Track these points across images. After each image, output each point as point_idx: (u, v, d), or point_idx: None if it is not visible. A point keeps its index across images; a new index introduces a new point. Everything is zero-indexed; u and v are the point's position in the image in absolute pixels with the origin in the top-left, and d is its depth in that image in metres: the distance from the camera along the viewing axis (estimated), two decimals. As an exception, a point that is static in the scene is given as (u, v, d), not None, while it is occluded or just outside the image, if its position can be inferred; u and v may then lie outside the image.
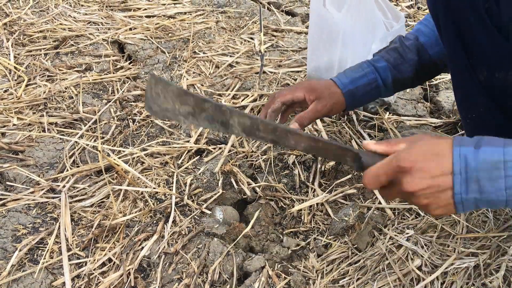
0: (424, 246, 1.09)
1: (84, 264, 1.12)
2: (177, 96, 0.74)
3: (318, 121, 1.47)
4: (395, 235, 1.13)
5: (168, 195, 1.27)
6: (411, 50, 1.15)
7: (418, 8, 2.27)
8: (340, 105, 1.15)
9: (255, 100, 1.60)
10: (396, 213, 1.20)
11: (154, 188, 1.28)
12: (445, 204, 0.73)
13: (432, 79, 1.73)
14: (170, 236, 1.16)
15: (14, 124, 1.54)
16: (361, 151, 0.79)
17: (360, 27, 1.41)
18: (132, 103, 1.65)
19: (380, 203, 1.22)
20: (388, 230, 1.15)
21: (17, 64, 1.84)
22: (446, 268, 1.03)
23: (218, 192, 1.27)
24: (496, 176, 0.68)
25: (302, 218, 1.22)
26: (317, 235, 1.19)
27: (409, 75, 1.16)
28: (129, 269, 1.09)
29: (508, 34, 0.79)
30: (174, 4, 2.32)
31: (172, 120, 0.89)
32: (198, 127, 0.96)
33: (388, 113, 1.55)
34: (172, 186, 1.29)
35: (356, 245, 1.13)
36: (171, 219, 1.20)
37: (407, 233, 1.13)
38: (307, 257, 1.12)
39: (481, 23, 0.83)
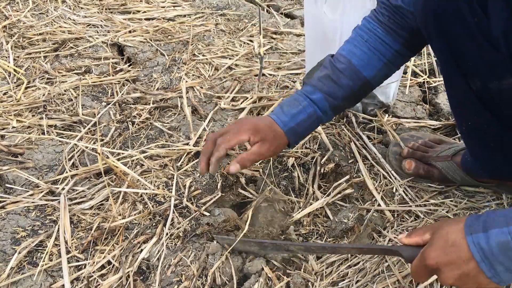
0: (424, 248, 1.09)
1: (83, 267, 1.12)
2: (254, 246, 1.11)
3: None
4: (395, 237, 1.13)
5: (167, 197, 1.27)
6: (344, 75, 1.10)
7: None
8: (283, 145, 1.13)
9: (254, 103, 1.60)
10: (395, 215, 1.20)
11: (153, 190, 1.28)
12: (488, 283, 0.76)
13: (431, 82, 1.73)
14: (169, 239, 1.16)
15: (13, 127, 1.54)
16: (400, 248, 0.89)
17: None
18: (132, 106, 1.65)
19: (379, 205, 1.22)
20: (388, 232, 1.15)
21: (16, 66, 1.84)
22: (445, 270, 1.03)
23: (218, 194, 1.27)
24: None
25: (302, 221, 1.22)
26: (316, 237, 1.19)
27: (346, 100, 1.14)
28: (128, 272, 1.09)
29: (499, 45, 0.80)
30: (174, 6, 2.33)
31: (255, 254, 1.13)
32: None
33: (387, 115, 1.55)
34: (172, 189, 1.29)
35: (355, 247, 1.13)
36: (170, 221, 1.20)
37: (407, 235, 1.13)
38: (307, 259, 1.12)
39: (470, 36, 0.84)
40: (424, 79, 1.75)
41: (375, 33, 1.09)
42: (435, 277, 0.96)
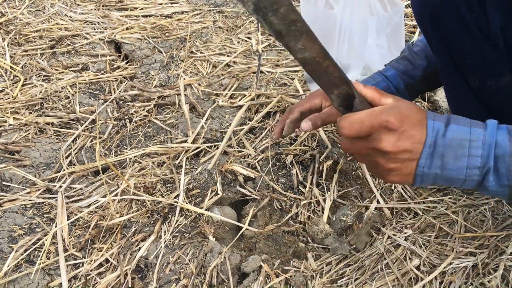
0: (422, 246, 1.09)
1: (81, 265, 1.12)
2: None
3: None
4: (393, 235, 1.13)
5: (165, 195, 1.26)
6: (419, 56, 1.17)
7: None
8: None
9: (252, 100, 1.60)
10: (394, 213, 1.20)
11: (151, 188, 1.27)
12: (407, 173, 0.73)
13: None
14: (167, 237, 1.15)
15: (10, 124, 1.53)
16: (357, 92, 0.74)
17: (357, 20, 1.40)
18: (129, 103, 1.64)
19: (378, 202, 1.22)
20: (386, 229, 1.14)
21: (13, 64, 1.83)
22: (444, 267, 1.03)
23: (217, 193, 1.26)
24: (460, 154, 0.70)
25: (300, 218, 1.22)
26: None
27: (421, 82, 1.19)
28: (126, 270, 1.08)
29: (497, 42, 0.79)
30: (171, 3, 2.32)
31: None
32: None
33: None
34: (170, 186, 1.29)
35: (354, 245, 1.13)
36: (168, 220, 1.20)
37: (405, 233, 1.13)
38: (306, 257, 1.11)
39: (468, 33, 0.83)
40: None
41: None
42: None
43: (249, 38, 2.03)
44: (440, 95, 1.64)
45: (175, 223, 1.18)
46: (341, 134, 0.73)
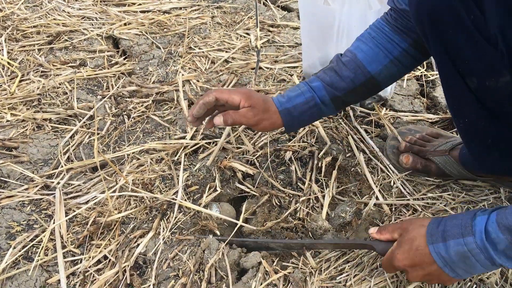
0: (421, 242, 1.09)
1: (79, 262, 1.11)
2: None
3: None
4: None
5: (164, 191, 1.26)
6: (347, 67, 1.12)
7: None
8: (271, 123, 1.12)
9: (251, 96, 1.59)
10: (393, 209, 1.20)
11: (150, 184, 1.27)
12: (448, 279, 0.88)
13: (429, 75, 1.73)
14: (166, 233, 1.15)
15: (7, 120, 1.52)
16: (374, 242, 0.99)
17: (356, 17, 1.39)
18: (127, 99, 1.63)
19: (377, 198, 1.22)
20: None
21: (10, 59, 1.82)
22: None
23: (215, 190, 1.26)
24: (471, 263, 0.81)
25: (299, 215, 1.21)
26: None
27: (348, 94, 1.14)
28: (124, 266, 1.08)
29: (496, 42, 0.79)
30: (169, -1, 2.31)
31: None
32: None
33: (384, 109, 1.55)
34: (168, 183, 1.28)
35: (353, 242, 1.13)
36: (166, 216, 1.19)
37: (404, 229, 1.12)
38: (304, 254, 1.11)
39: (466, 34, 0.83)
40: (421, 72, 1.74)
41: (382, 31, 1.11)
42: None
43: (247, 34, 2.02)
44: (439, 91, 1.64)
45: (174, 220, 1.18)
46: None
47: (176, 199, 1.22)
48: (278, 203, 1.24)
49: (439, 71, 1.00)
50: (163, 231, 1.16)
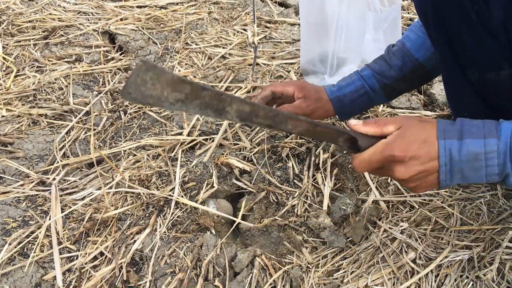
0: (418, 239, 1.09)
1: (75, 258, 1.11)
2: (170, 84, 0.66)
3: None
4: (389, 228, 1.13)
5: (160, 188, 1.25)
6: (396, 56, 1.17)
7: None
8: (325, 111, 1.20)
9: (248, 92, 1.59)
10: (390, 206, 1.20)
11: (146, 180, 1.26)
12: (430, 184, 0.81)
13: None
14: (163, 230, 1.14)
15: (2, 116, 1.51)
16: (356, 134, 0.82)
17: (354, 16, 1.39)
18: (124, 95, 1.62)
19: (375, 195, 1.21)
20: (382, 223, 1.14)
21: (5, 54, 1.80)
22: (440, 261, 1.03)
23: (212, 186, 1.25)
24: (478, 166, 0.76)
25: (296, 211, 1.21)
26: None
27: (398, 82, 1.18)
28: (121, 263, 1.08)
29: (498, 35, 0.79)
30: (166, -6, 2.29)
31: (153, 106, 0.85)
32: (185, 112, 0.93)
33: (382, 105, 1.54)
34: (165, 179, 1.28)
35: (350, 238, 1.12)
36: (163, 212, 1.19)
37: (401, 226, 1.13)
38: (301, 250, 1.11)
39: (470, 26, 0.83)
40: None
41: None
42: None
43: (244, 30, 2.01)
44: (437, 88, 1.64)
45: (171, 216, 1.17)
46: (357, 171, 0.85)
47: (172, 196, 1.22)
48: (275, 200, 1.24)
49: (440, 63, 1.00)
50: (159, 227, 1.15)
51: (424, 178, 0.80)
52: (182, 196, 1.22)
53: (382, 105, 1.54)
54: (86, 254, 1.10)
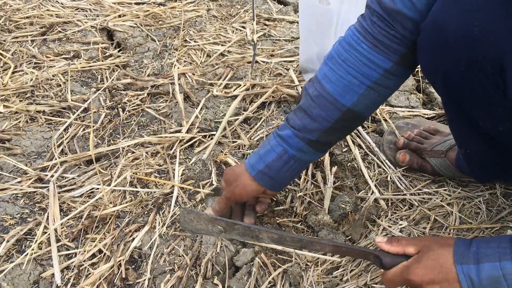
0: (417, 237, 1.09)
1: (73, 255, 1.10)
2: (209, 221, 0.92)
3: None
4: (389, 226, 1.13)
5: (159, 185, 1.25)
6: (316, 103, 0.94)
7: None
8: (255, 189, 1.04)
9: (247, 90, 1.58)
10: (390, 204, 1.20)
11: (145, 178, 1.26)
12: None
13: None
14: (162, 227, 1.14)
15: (0, 112, 1.50)
16: (381, 252, 0.88)
17: (355, 16, 1.39)
18: (122, 92, 1.62)
19: (373, 193, 1.21)
20: (382, 221, 1.14)
21: (3, 50, 1.79)
22: (439, 259, 1.03)
23: (212, 184, 1.25)
24: (500, 287, 0.74)
25: (295, 210, 1.21)
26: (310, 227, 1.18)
27: (327, 134, 0.97)
28: (120, 261, 1.07)
29: None
30: (165, -9, 2.28)
31: (208, 235, 1.06)
32: (231, 239, 1.11)
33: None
34: (164, 177, 1.27)
35: (349, 236, 1.12)
36: (162, 210, 1.18)
37: (401, 224, 1.13)
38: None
39: (483, 96, 0.76)
40: (418, 68, 1.74)
41: (357, 49, 0.89)
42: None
43: (243, 27, 2.01)
44: (435, 87, 1.64)
45: (170, 214, 1.17)
46: None
47: (172, 193, 1.21)
48: (274, 198, 1.24)
49: (445, 110, 0.95)
50: (158, 225, 1.15)
51: None
52: (180, 193, 1.22)
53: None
54: (84, 251, 1.10)
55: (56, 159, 1.34)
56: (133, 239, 1.12)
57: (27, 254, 1.08)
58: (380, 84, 0.90)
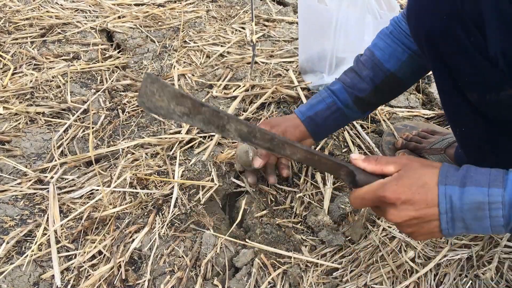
0: (417, 238, 1.09)
1: (73, 257, 1.10)
2: (173, 97, 0.72)
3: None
4: (388, 227, 1.13)
5: (159, 186, 1.25)
6: (365, 66, 1.10)
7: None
8: (301, 133, 1.13)
9: (247, 91, 1.58)
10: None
11: (145, 179, 1.26)
12: (430, 232, 0.76)
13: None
14: (162, 228, 1.14)
15: (0, 114, 1.50)
16: (356, 169, 0.82)
17: (354, 17, 1.39)
18: (122, 93, 1.62)
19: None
20: (381, 221, 1.14)
21: (2, 52, 1.79)
22: (439, 259, 1.03)
23: (212, 184, 1.25)
24: (481, 216, 0.70)
25: (295, 210, 1.21)
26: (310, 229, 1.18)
27: (371, 94, 1.11)
28: (119, 262, 1.07)
29: (497, 62, 0.76)
30: (164, -8, 2.28)
31: (166, 117, 0.89)
32: (192, 126, 0.97)
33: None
34: (164, 178, 1.27)
35: (349, 237, 1.12)
36: (162, 211, 1.18)
37: (400, 225, 1.13)
38: (300, 249, 1.11)
39: (466, 56, 0.79)
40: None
41: (400, 26, 1.07)
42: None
43: (243, 28, 2.01)
44: (435, 87, 1.64)
45: (170, 215, 1.17)
46: (352, 206, 0.86)
47: (172, 194, 1.21)
48: (274, 199, 1.24)
49: (437, 84, 0.98)
50: (158, 226, 1.15)
51: (420, 224, 0.75)
52: (180, 194, 1.22)
53: (380, 104, 1.54)
54: (84, 253, 1.10)
55: (56, 160, 1.34)
56: (133, 240, 1.12)
57: (27, 255, 1.08)
58: (420, 55, 1.05)
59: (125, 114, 1.53)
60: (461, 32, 0.76)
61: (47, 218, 1.18)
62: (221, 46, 1.88)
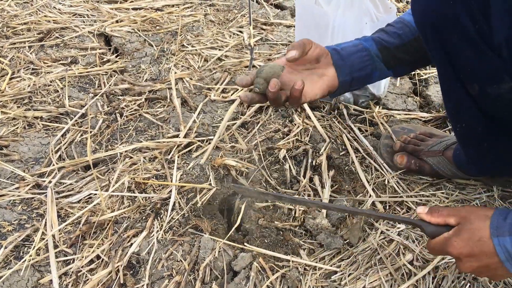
0: (415, 241, 1.09)
1: (71, 261, 1.10)
2: (258, 194, 1.05)
3: (311, 114, 1.46)
4: (387, 230, 1.13)
5: (157, 190, 1.25)
6: (395, 26, 1.14)
7: (407, 2, 2.27)
8: (326, 60, 1.09)
9: (244, 94, 1.58)
10: (387, 207, 1.20)
11: (143, 183, 1.26)
12: (504, 275, 0.86)
13: (421, 74, 1.73)
14: (160, 232, 1.14)
15: (-3, 118, 1.50)
16: (423, 223, 0.91)
17: (351, 20, 1.39)
18: (120, 97, 1.62)
19: (370, 196, 1.22)
20: (380, 224, 1.14)
21: (0, 57, 1.80)
22: (437, 262, 1.03)
23: (211, 187, 1.25)
24: None
25: (293, 213, 1.21)
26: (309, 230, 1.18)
27: (395, 45, 1.12)
28: (118, 266, 1.07)
29: (501, 51, 0.78)
30: (162, -4, 2.29)
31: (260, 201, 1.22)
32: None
33: (378, 107, 1.55)
34: (162, 182, 1.27)
35: (347, 240, 1.12)
36: (160, 215, 1.18)
37: (398, 228, 1.13)
38: (299, 253, 1.11)
39: (470, 43, 0.81)
40: (414, 71, 1.74)
41: None
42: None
43: (241, 32, 2.01)
44: (432, 90, 1.64)
45: (168, 219, 1.17)
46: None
47: (170, 198, 1.21)
48: (272, 202, 1.24)
49: (439, 76, 0.99)
50: (156, 230, 1.15)
51: (491, 271, 0.84)
52: (179, 198, 1.21)
53: (378, 106, 1.54)
54: (82, 257, 1.10)
55: (53, 165, 1.34)
56: (131, 244, 1.12)
57: (25, 260, 1.08)
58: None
59: (123, 118, 1.53)
60: (467, 20, 0.79)
61: (45, 222, 1.17)
62: (219, 49, 1.88)
